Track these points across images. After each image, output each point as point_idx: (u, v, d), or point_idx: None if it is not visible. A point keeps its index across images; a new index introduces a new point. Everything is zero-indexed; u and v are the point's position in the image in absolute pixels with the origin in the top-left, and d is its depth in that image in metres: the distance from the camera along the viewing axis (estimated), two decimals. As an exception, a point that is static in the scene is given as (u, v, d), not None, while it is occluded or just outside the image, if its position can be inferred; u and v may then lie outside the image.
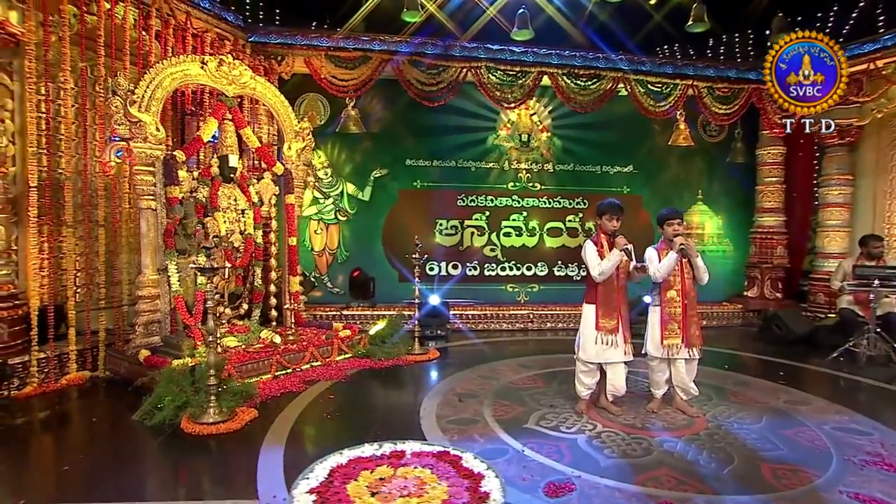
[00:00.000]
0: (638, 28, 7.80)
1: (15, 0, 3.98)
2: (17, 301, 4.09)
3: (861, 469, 2.85)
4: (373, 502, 2.03)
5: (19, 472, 2.87)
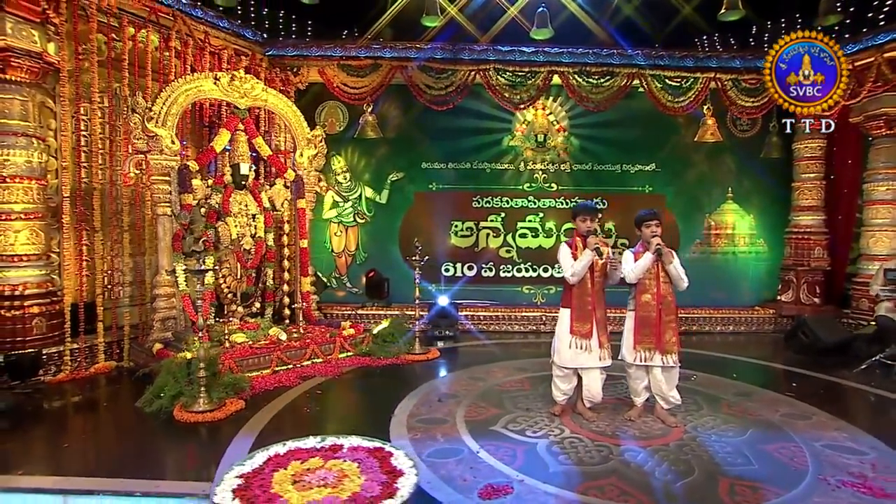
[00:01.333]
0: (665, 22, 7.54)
1: (52, 33, 4.48)
2: (54, 298, 4.60)
3: (833, 490, 2.65)
4: (290, 490, 2.17)
5: (29, 447, 3.26)
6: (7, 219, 4.35)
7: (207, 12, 5.63)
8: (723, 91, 6.37)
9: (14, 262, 4.38)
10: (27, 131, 4.41)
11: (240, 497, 2.11)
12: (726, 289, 7.13)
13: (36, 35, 4.31)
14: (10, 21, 4.14)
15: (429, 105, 6.39)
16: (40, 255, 4.55)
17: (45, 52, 4.40)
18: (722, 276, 7.14)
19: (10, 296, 4.32)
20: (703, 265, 7.11)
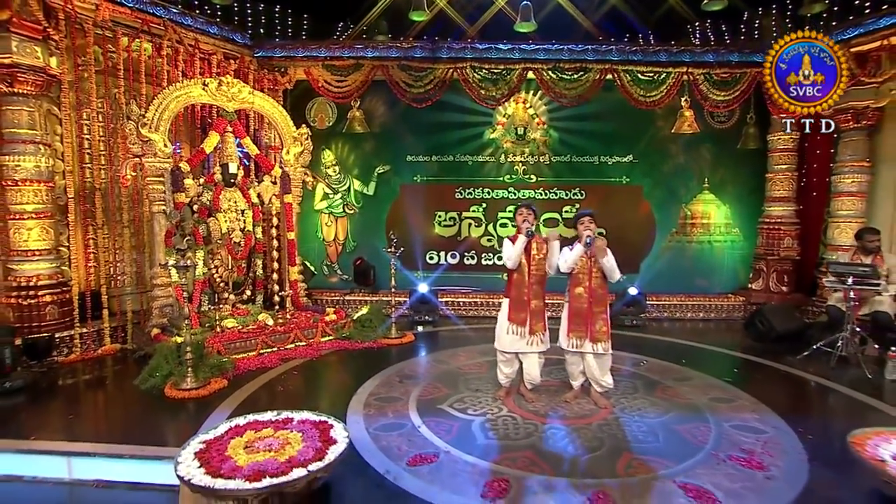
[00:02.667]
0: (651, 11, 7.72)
1: (53, 48, 4.96)
2: (64, 287, 5.19)
3: (718, 464, 3.04)
4: (241, 453, 2.65)
5: (44, 416, 3.85)
6: (20, 218, 4.91)
7: (197, 19, 6.04)
8: (695, 85, 6.56)
9: (28, 256, 4.96)
10: (35, 139, 4.94)
11: (199, 458, 2.61)
12: (701, 277, 7.43)
13: (39, 51, 4.80)
14: (15, 40, 4.62)
15: (409, 103, 6.74)
16: (51, 250, 5.12)
17: (47, 66, 4.89)
18: (697, 265, 7.42)
19: (26, 286, 4.91)
20: (679, 254, 7.41)
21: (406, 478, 2.86)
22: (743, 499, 2.67)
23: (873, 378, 4.51)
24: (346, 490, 2.77)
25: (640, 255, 7.41)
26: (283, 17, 7.76)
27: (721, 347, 5.69)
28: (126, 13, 5.34)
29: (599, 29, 7.78)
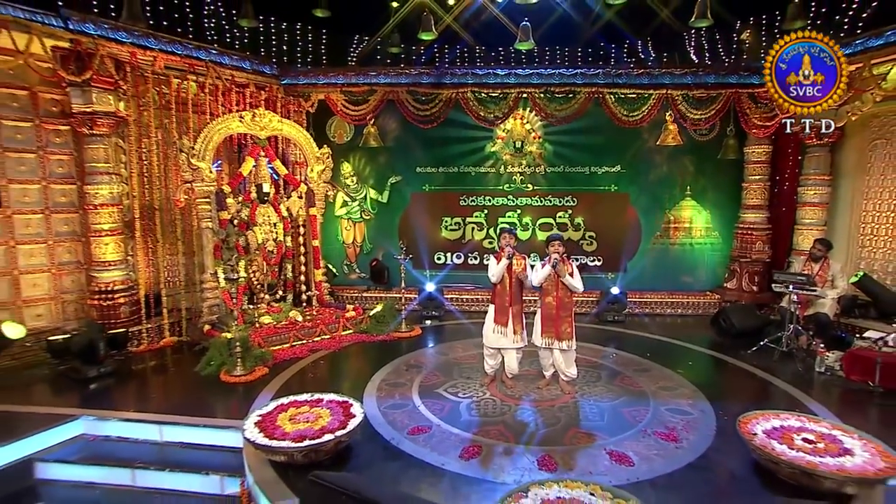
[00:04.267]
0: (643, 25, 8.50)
1: (121, 94, 6.06)
2: (133, 290, 6.40)
3: (643, 437, 4.05)
4: (287, 423, 3.75)
5: (125, 394, 5.06)
6: (99, 235, 6.10)
7: (233, 57, 7.08)
8: (674, 105, 7.35)
9: (106, 266, 6.16)
10: (108, 170, 6.10)
11: (258, 426, 3.73)
12: (686, 274, 8.31)
13: (111, 99, 5.92)
14: (95, 92, 5.75)
15: (417, 124, 7.71)
16: (122, 260, 6.32)
17: (118, 110, 6.02)
18: (678, 265, 8.31)
19: (105, 290, 6.13)
20: (662, 255, 8.30)
21: (406, 443, 3.95)
22: (652, 461, 3.68)
23: (804, 371, 5.43)
24: (362, 451, 3.86)
25: (627, 256, 8.31)
26: (304, 34, 8.84)
27: (687, 342, 6.60)
28: (176, 60, 6.42)
29: (594, 40, 8.65)
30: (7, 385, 5.16)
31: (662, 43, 9.39)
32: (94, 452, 4.33)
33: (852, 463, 3.20)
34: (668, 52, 9.24)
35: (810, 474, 3.14)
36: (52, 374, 5.49)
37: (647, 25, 9.03)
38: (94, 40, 5.64)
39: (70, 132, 6.12)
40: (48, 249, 6.12)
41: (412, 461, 3.70)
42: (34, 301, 6.04)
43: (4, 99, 5.65)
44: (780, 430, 3.62)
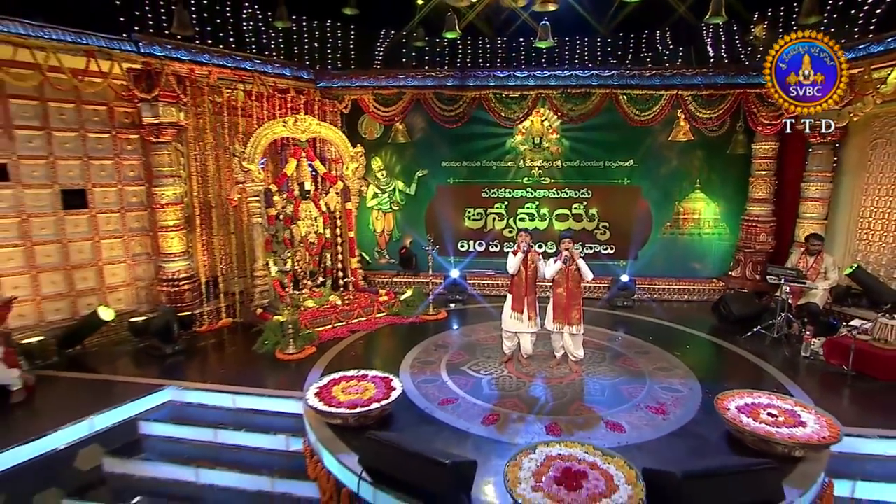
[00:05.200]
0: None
1: (181, 105, 6.91)
2: (194, 278, 7.38)
3: (636, 410, 4.84)
4: (341, 394, 4.65)
5: (199, 368, 6.06)
6: (166, 231, 7.06)
7: (275, 65, 7.84)
8: (683, 104, 7.87)
9: (172, 257, 7.13)
10: (172, 173, 7.00)
11: (317, 396, 4.63)
12: (692, 263, 8.94)
13: (174, 110, 6.78)
14: (160, 106, 6.61)
15: (442, 124, 8.41)
16: (185, 252, 7.28)
17: (179, 120, 6.88)
18: (687, 254, 8.93)
19: (172, 279, 7.12)
20: (671, 244, 8.93)
21: (437, 412, 4.82)
22: (641, 430, 4.48)
23: (791, 356, 6.11)
24: (401, 417, 4.74)
25: (638, 245, 8.96)
26: (334, 31, 9.57)
27: (688, 327, 7.31)
28: (227, 72, 7.22)
29: (612, 34, 9.16)
30: (101, 359, 6.22)
31: (678, 39, 9.84)
32: (181, 414, 5.34)
33: (803, 432, 3.94)
34: (683, 47, 9.69)
35: (766, 441, 3.90)
36: (134, 351, 6.52)
37: (663, 21, 9.51)
38: (160, 61, 6.48)
39: (139, 140, 7.03)
40: (124, 243, 7.11)
41: (443, 426, 4.58)
42: (115, 287, 7.07)
43: (89, 115, 6.58)
44: (750, 406, 4.36)
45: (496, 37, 9.92)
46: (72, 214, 6.64)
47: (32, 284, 6.40)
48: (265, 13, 8.73)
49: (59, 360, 6.11)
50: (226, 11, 8.67)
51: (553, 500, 3.12)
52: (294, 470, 4.56)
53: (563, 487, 3.23)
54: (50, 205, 6.46)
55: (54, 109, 6.35)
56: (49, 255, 6.50)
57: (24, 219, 6.26)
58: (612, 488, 3.23)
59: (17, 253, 6.26)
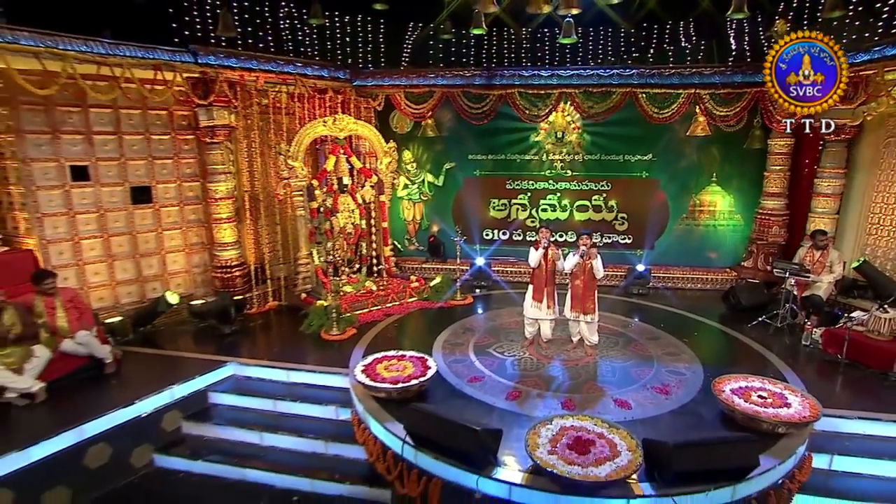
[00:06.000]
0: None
1: (232, 108, 7.65)
2: (244, 265, 8.24)
3: (642, 390, 5.51)
4: (384, 371, 5.42)
5: (254, 346, 6.92)
6: (219, 222, 7.89)
7: (314, 67, 8.50)
8: (701, 102, 8.28)
9: (224, 247, 7.98)
10: (224, 170, 7.80)
11: (364, 372, 5.42)
12: (708, 252, 9.45)
13: (226, 113, 7.53)
14: (215, 110, 7.37)
15: (470, 121, 9.00)
16: (236, 241, 8.12)
17: (230, 122, 7.64)
18: (702, 244, 9.44)
19: (225, 266, 7.98)
20: (687, 235, 9.43)
21: (466, 388, 5.58)
22: (645, 407, 5.16)
23: (792, 344, 6.67)
24: (435, 392, 5.50)
25: (655, 235, 9.49)
26: (364, 25, 10.17)
27: (699, 315, 7.88)
28: (273, 76, 7.92)
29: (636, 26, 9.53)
30: (168, 337, 7.14)
31: (701, 32, 10.14)
32: (243, 387, 6.22)
33: (786, 412, 4.57)
34: (706, 40, 10.00)
35: (753, 419, 4.54)
36: (195, 330, 7.42)
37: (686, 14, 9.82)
38: (215, 70, 7.20)
39: (194, 140, 7.82)
40: (182, 234, 7.98)
41: (472, 400, 5.33)
42: (175, 274, 7.97)
43: (153, 119, 7.38)
44: (743, 389, 4.98)
45: (521, 29, 10.37)
46: (139, 208, 7.51)
47: (109, 271, 7.33)
48: (300, 11, 9.39)
49: (134, 338, 7.03)
50: (264, 12, 9.36)
51: (565, 461, 3.85)
52: (343, 435, 5.39)
53: (574, 452, 3.96)
54: (121, 200, 7.33)
55: (124, 116, 7.16)
56: (121, 245, 7.41)
57: (101, 213, 7.15)
58: (615, 454, 3.94)
59: (97, 243, 7.17)
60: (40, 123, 6.51)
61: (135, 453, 5.31)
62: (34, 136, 6.49)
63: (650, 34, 10.47)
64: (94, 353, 5.87)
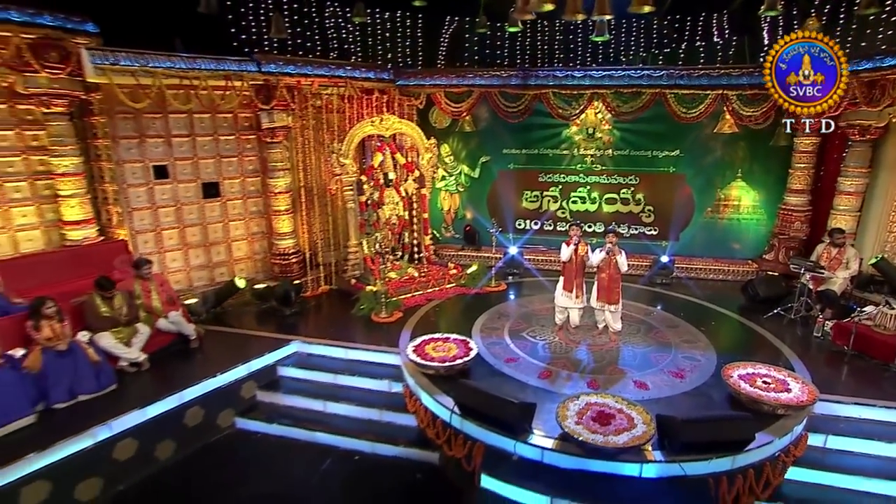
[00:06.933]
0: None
1: (290, 110, 8.50)
2: (299, 252, 9.20)
3: (659, 374, 6.26)
4: (432, 351, 6.29)
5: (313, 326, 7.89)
6: (278, 214, 8.84)
7: (362, 69, 9.26)
8: (728, 103, 8.73)
9: (283, 236, 8.95)
10: (283, 167, 8.71)
11: (414, 352, 6.31)
12: (732, 243, 9.99)
13: (285, 115, 8.39)
14: (276, 113, 8.24)
15: (506, 118, 9.66)
16: (292, 231, 9.08)
17: (288, 123, 8.51)
18: (725, 237, 9.97)
19: (282, 253, 8.96)
20: (711, 227, 9.98)
21: (503, 367, 6.42)
22: (661, 388, 5.92)
23: (803, 335, 7.28)
24: (476, 371, 6.35)
25: (680, 227, 10.06)
26: (403, 21, 10.87)
27: (718, 305, 8.49)
28: (325, 80, 8.72)
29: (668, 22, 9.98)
30: (236, 317, 8.16)
31: (734, 27, 10.50)
32: (307, 362, 7.20)
33: (786, 396, 5.28)
34: (738, 36, 10.36)
35: (756, 401, 5.26)
36: (257, 312, 8.43)
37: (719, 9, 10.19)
38: (275, 76, 8.04)
39: (256, 140, 8.72)
40: (245, 224, 8.97)
41: (508, 378, 6.17)
42: (239, 260, 9.00)
43: (221, 121, 8.31)
44: (749, 375, 5.69)
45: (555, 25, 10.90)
46: (209, 202, 8.51)
47: (184, 257, 8.38)
48: (343, 10, 10.14)
49: (207, 317, 8.08)
50: (311, 13, 10.16)
51: (589, 430, 4.68)
52: (395, 405, 6.31)
53: (597, 423, 4.78)
54: (194, 195, 8.33)
55: (197, 120, 8.09)
56: (194, 234, 8.44)
57: (178, 207, 8.17)
58: (632, 425, 4.75)
59: (175, 233, 8.22)
60: (130, 130, 7.50)
61: (220, 416, 6.34)
62: (126, 140, 7.49)
63: (682, 29, 10.89)
64: (182, 331, 6.91)
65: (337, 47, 10.57)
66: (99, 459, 5.20)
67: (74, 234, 7.28)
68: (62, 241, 7.37)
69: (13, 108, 6.88)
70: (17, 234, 7.16)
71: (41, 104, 6.72)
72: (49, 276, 6.73)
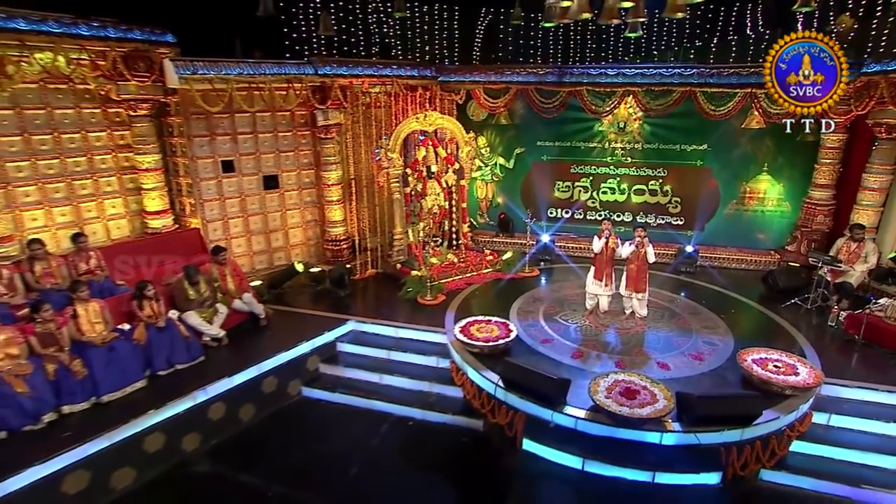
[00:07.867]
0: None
1: (342, 108, 9.29)
2: (349, 239, 10.09)
3: (681, 356, 7.01)
4: (476, 332, 7.13)
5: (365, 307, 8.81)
6: (330, 204, 9.73)
7: (406, 68, 9.96)
8: (756, 100, 9.18)
9: (334, 224, 9.86)
10: (334, 160, 9.55)
11: (461, 332, 7.16)
12: (756, 233, 10.53)
13: (338, 114, 9.20)
14: (330, 112, 9.05)
15: (541, 114, 10.29)
16: (343, 220, 9.97)
17: (341, 121, 9.31)
18: (749, 228, 10.51)
19: (335, 240, 9.88)
20: (736, 219, 10.52)
21: (539, 347, 7.25)
22: (681, 369, 6.67)
23: (817, 324, 7.90)
24: (516, 350, 7.17)
25: (705, 218, 10.63)
26: (441, 14, 11.49)
27: (739, 294, 9.11)
28: (374, 79, 9.47)
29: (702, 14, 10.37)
30: (294, 298, 9.11)
31: (769, 20, 10.84)
32: (362, 339, 8.13)
33: (794, 379, 5.99)
34: (772, 30, 10.70)
35: (766, 382, 6.00)
36: (312, 293, 9.38)
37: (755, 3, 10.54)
38: (330, 78, 8.82)
39: (310, 135, 9.57)
40: (300, 213, 9.89)
41: (544, 357, 7.01)
42: (294, 245, 9.96)
43: (280, 119, 9.17)
44: (762, 359, 6.41)
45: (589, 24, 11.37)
46: (269, 193, 9.44)
47: (248, 244, 9.37)
48: (385, 5, 10.79)
49: (269, 298, 9.06)
50: (356, 10, 10.85)
51: (617, 403, 5.51)
52: (443, 378, 7.20)
53: (624, 398, 5.60)
54: (256, 187, 9.26)
55: (259, 118, 8.96)
56: (256, 223, 9.40)
57: (242, 198, 9.12)
58: (654, 400, 5.56)
59: (239, 222, 9.19)
60: (202, 128, 8.41)
61: (290, 385, 7.33)
62: (198, 138, 8.41)
63: (715, 22, 11.26)
64: (253, 311, 7.90)
65: (378, 42, 11.26)
66: (198, 418, 6.25)
67: (155, 223, 8.30)
68: (143, 229, 8.40)
69: (105, 112, 7.84)
70: (108, 223, 8.20)
71: (129, 108, 7.67)
72: (139, 261, 7.77)
